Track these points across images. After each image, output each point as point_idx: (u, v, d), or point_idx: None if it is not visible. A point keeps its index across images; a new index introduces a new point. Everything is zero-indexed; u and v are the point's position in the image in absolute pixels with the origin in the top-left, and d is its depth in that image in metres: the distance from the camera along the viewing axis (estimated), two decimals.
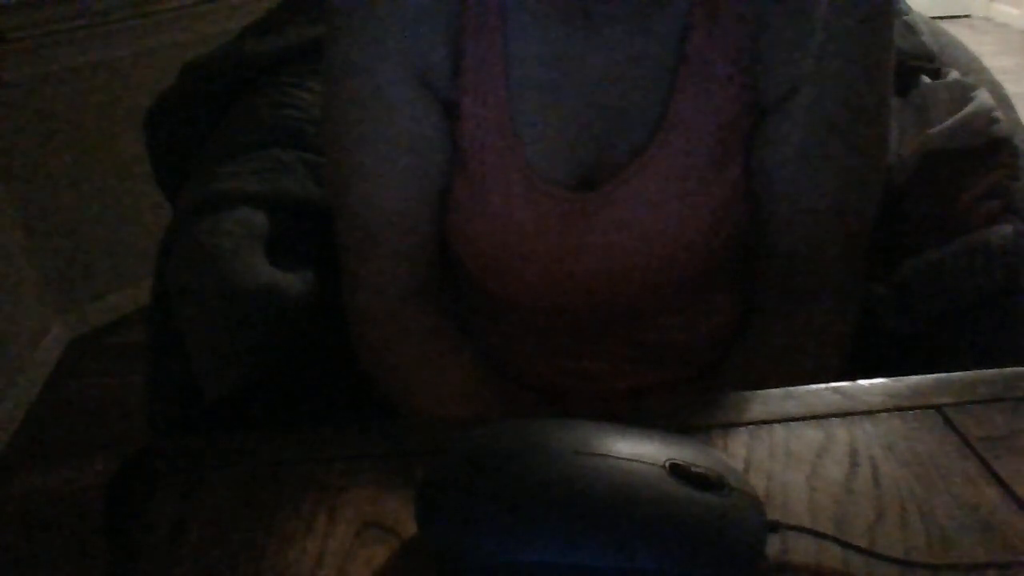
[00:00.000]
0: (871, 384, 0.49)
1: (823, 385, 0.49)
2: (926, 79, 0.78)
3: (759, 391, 0.49)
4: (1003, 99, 0.74)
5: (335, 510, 0.42)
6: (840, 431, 0.46)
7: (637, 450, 0.37)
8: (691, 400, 0.54)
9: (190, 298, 0.67)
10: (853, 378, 0.50)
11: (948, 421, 0.46)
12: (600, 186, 0.59)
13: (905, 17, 0.84)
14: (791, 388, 0.49)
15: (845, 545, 0.38)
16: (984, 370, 0.49)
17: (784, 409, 0.48)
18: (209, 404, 0.66)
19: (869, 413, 0.47)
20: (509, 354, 0.69)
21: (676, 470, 0.36)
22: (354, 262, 0.65)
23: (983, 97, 0.71)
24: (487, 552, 0.36)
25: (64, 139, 2.00)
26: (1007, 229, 0.63)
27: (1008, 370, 0.49)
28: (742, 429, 0.46)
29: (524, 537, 0.35)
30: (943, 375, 0.49)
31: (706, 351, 0.67)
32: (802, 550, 0.38)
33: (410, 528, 0.40)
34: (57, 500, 1.63)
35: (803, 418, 0.47)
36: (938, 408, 0.47)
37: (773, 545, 0.38)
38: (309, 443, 0.47)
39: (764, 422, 0.47)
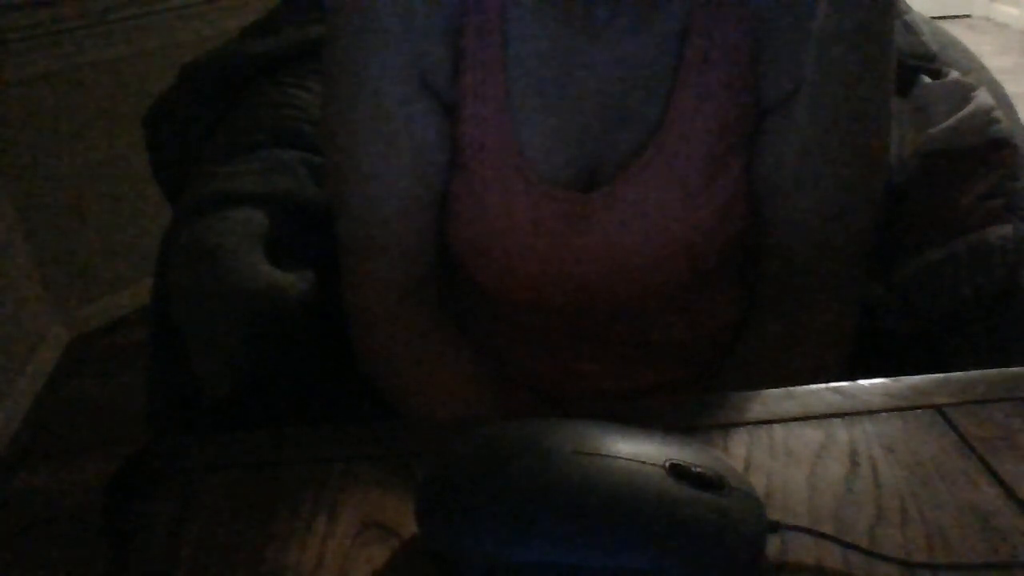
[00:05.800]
0: (871, 384, 0.49)
1: (823, 385, 0.49)
2: (926, 79, 0.78)
3: (759, 391, 0.49)
4: (1003, 99, 0.74)
5: (335, 510, 0.42)
6: (840, 431, 0.46)
7: (637, 450, 0.37)
8: (691, 400, 0.54)
9: (190, 298, 0.67)
10: (853, 378, 0.50)
11: (948, 421, 0.46)
12: (600, 186, 0.59)
13: (905, 17, 0.84)
14: (791, 388, 0.49)
15: (845, 545, 0.38)
16: (984, 370, 0.49)
17: (784, 409, 0.48)
18: (209, 404, 0.66)
19: (869, 413, 0.47)
20: (508, 354, 0.69)
21: (676, 470, 0.36)
22: (353, 262, 0.65)
23: (983, 97, 0.71)
24: (487, 552, 0.36)
25: (64, 139, 2.00)
26: (1007, 229, 0.63)
27: (1008, 370, 0.49)
28: (742, 429, 0.46)
29: (524, 537, 0.35)
30: (943, 375, 0.49)
31: (706, 351, 0.67)
32: (802, 550, 0.38)
33: (410, 528, 0.40)
34: (57, 500, 1.63)
35: (803, 418, 0.47)
36: (938, 408, 0.47)
37: (773, 545, 0.38)
38: (309, 443, 0.47)
39: (764, 422, 0.47)
